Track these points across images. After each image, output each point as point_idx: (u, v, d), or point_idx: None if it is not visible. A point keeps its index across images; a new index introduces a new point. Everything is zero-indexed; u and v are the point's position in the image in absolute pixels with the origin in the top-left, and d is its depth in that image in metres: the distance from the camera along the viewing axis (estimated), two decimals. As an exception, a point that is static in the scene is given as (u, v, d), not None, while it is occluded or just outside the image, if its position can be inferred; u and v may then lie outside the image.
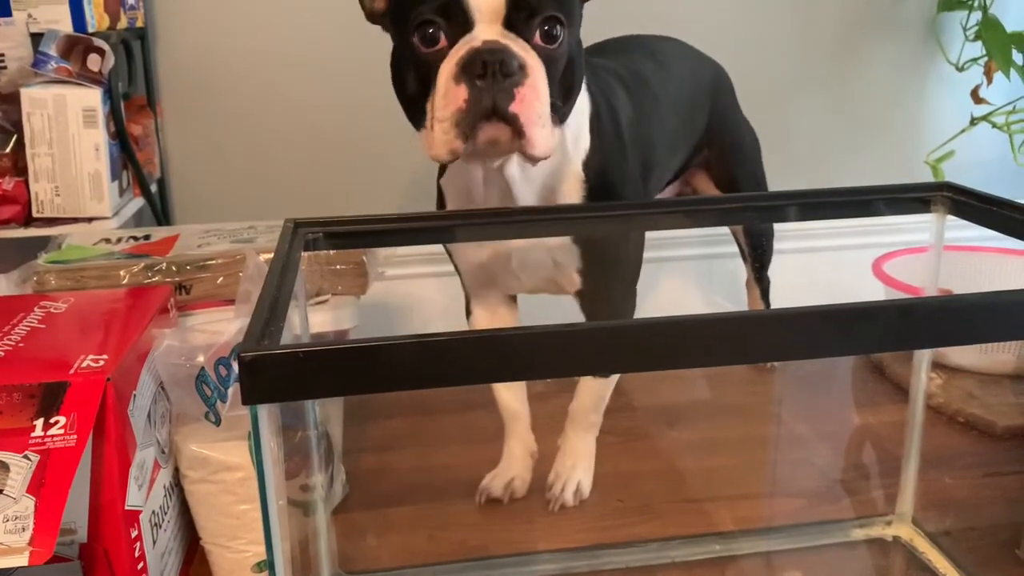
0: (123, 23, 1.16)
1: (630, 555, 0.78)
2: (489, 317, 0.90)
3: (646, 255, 0.90)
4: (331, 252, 0.89)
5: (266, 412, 0.42)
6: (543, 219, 0.74)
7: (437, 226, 0.75)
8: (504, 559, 0.78)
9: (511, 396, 0.92)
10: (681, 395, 1.12)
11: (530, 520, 0.85)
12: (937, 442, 0.95)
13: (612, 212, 0.75)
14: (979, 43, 1.34)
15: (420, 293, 1.31)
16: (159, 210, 1.28)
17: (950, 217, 0.74)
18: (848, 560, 0.79)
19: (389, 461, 0.97)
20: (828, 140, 1.44)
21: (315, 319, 0.85)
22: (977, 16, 1.34)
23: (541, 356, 0.44)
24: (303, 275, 0.69)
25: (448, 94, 0.64)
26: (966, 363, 1.07)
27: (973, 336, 0.59)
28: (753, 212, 0.88)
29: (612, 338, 0.45)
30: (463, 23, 0.65)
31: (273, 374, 0.41)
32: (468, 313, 0.91)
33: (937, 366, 1.06)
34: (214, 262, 0.88)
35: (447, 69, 0.64)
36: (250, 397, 0.41)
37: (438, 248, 1.27)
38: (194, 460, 0.72)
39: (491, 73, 0.62)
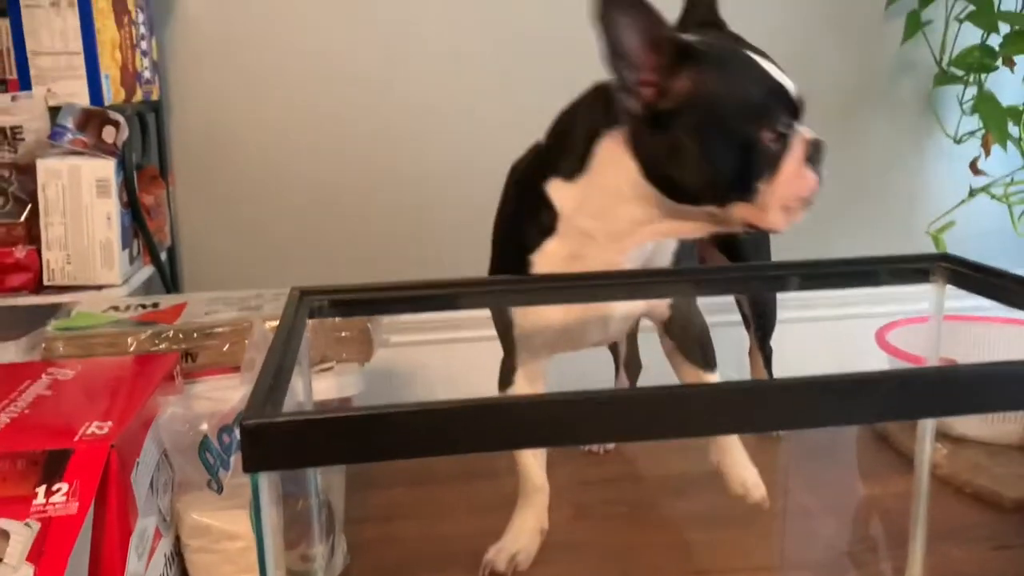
0: (138, 96, 1.19)
1: (634, 629, 0.77)
2: (529, 384, 0.90)
3: (647, 324, 0.91)
4: (336, 319, 0.90)
5: (267, 480, 0.43)
6: (551, 286, 0.75)
7: (441, 294, 0.75)
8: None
9: (536, 465, 0.92)
10: (688, 465, 1.11)
11: (532, 592, 0.84)
12: (944, 513, 0.94)
13: (621, 281, 0.76)
14: (976, 116, 1.36)
15: (426, 360, 1.31)
16: (169, 278, 1.29)
17: (951, 287, 0.74)
18: (857, 635, 0.77)
19: (391, 531, 0.96)
20: (830, 211, 1.46)
21: (319, 386, 0.85)
22: (973, 90, 1.37)
23: (546, 424, 0.45)
24: (307, 342, 0.70)
25: (799, 178, 0.74)
26: (972, 433, 1.06)
27: (974, 406, 0.59)
28: (756, 282, 0.89)
29: (614, 407, 0.46)
30: (793, 119, 0.75)
31: (275, 442, 0.41)
32: (507, 382, 0.90)
33: (942, 436, 1.05)
34: (220, 330, 0.88)
35: (797, 157, 0.74)
36: (251, 465, 0.42)
37: (444, 316, 1.28)
38: (195, 529, 0.72)
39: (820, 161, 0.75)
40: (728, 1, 1.44)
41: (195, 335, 0.88)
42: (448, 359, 1.31)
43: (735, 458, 0.91)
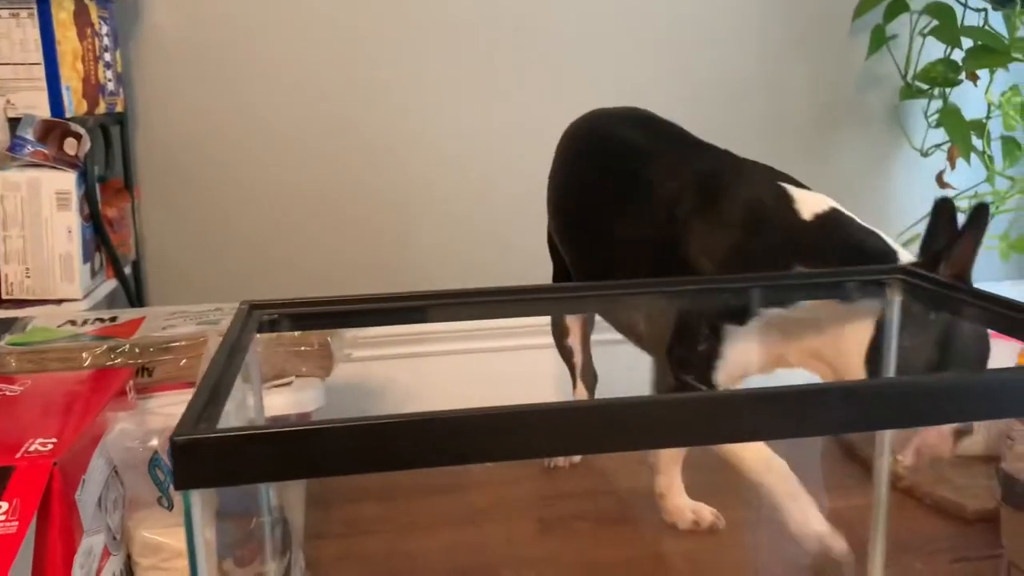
0: (102, 108, 1.18)
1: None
2: None
3: (610, 337, 0.91)
4: (296, 333, 0.89)
5: (199, 498, 0.42)
6: (516, 299, 0.74)
7: (402, 307, 0.74)
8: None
9: None
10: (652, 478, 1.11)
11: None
12: (906, 526, 0.94)
13: (584, 293, 0.76)
14: (941, 129, 1.38)
15: (392, 375, 1.31)
16: (133, 292, 1.28)
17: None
18: (817, 650, 0.77)
19: (354, 547, 0.95)
20: (798, 223, 1.47)
21: (277, 401, 0.84)
22: (938, 104, 1.38)
23: (493, 437, 0.44)
24: (257, 357, 0.69)
25: None
26: (936, 445, 1.06)
27: (927, 418, 0.59)
28: (716, 295, 0.89)
29: (564, 419, 0.45)
30: None
31: (206, 458, 0.41)
32: None
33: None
34: (177, 344, 0.87)
35: None
36: (182, 482, 0.41)
37: (409, 330, 1.28)
38: (146, 547, 0.71)
39: None
40: (698, 19, 1.46)
41: (151, 349, 0.87)
42: (413, 373, 1.30)
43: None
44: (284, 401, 0.85)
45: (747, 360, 0.87)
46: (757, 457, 0.87)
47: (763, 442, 0.87)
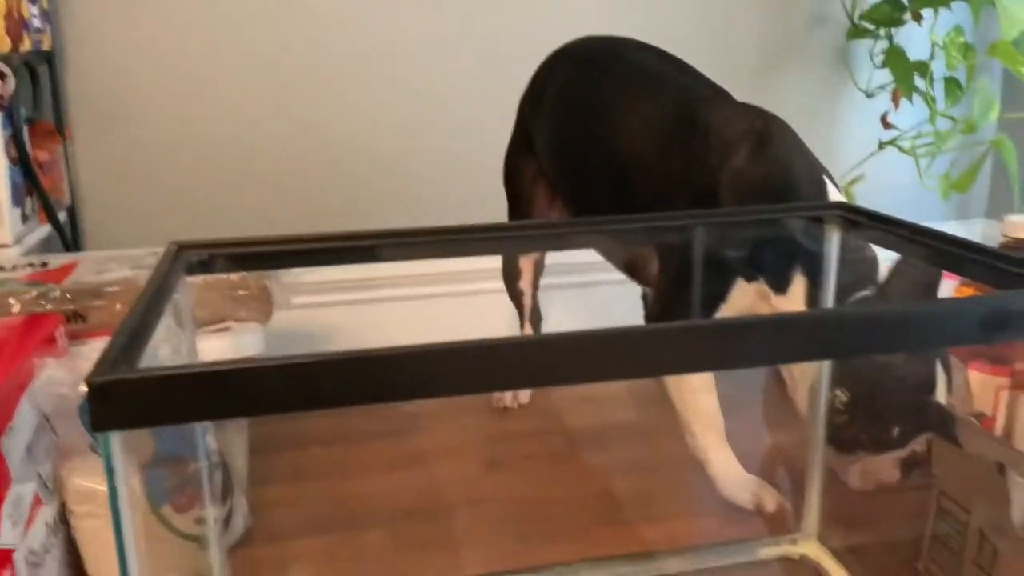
0: (27, 46, 1.13)
1: (537, 581, 0.77)
2: None
3: (569, 280, 0.90)
4: (233, 277, 0.88)
5: (119, 440, 0.41)
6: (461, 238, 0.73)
7: (343, 247, 0.72)
8: (409, 589, 0.77)
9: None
10: (601, 418, 1.12)
11: (439, 549, 0.83)
12: (844, 459, 0.96)
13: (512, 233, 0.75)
14: (887, 70, 1.38)
15: (337, 321, 1.29)
16: (68, 238, 1.24)
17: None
18: (755, 580, 0.79)
19: (300, 491, 0.94)
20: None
21: (214, 346, 0.83)
22: (884, 44, 1.38)
23: (411, 376, 0.43)
24: (190, 300, 0.67)
25: None
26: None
27: (854, 350, 0.60)
28: (665, 232, 0.88)
29: (501, 354, 0.44)
30: None
31: (122, 399, 0.39)
32: None
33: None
34: (111, 289, 0.85)
35: None
36: (100, 424, 0.40)
37: (354, 275, 1.26)
38: (80, 494, 0.70)
39: None
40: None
41: (84, 295, 0.84)
42: (362, 321, 1.29)
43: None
44: (222, 346, 0.84)
45: (745, 304, 0.87)
46: (695, 402, 0.88)
47: (707, 396, 0.89)
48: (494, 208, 1.13)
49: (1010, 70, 1.32)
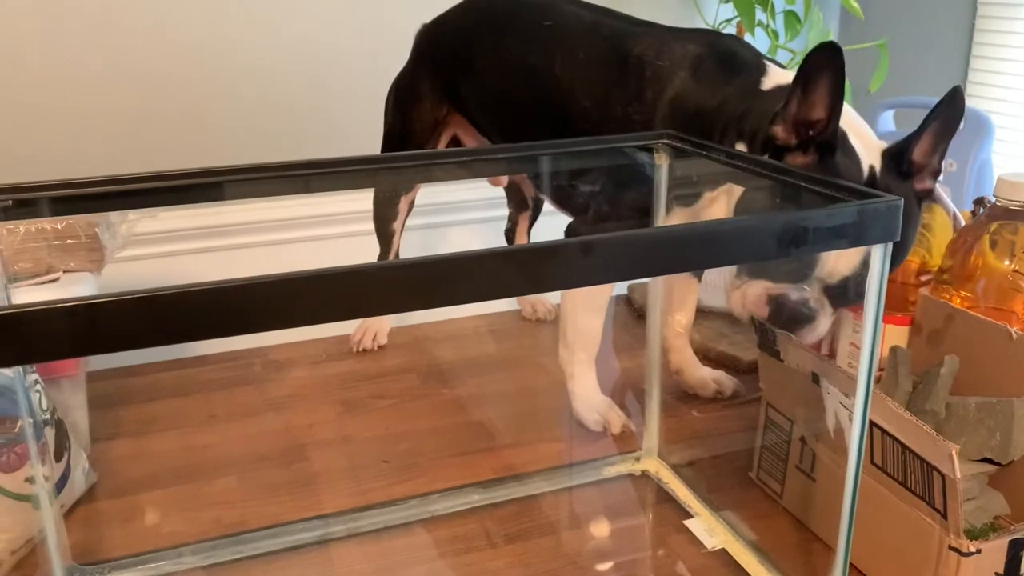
0: None
1: (389, 514, 0.78)
2: None
3: (429, 220, 0.89)
4: (59, 225, 0.83)
5: None
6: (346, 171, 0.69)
7: (174, 186, 0.68)
8: (259, 532, 0.76)
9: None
10: (456, 354, 1.13)
11: (291, 492, 0.83)
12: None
13: (395, 164, 0.73)
14: (731, 5, 1.42)
15: (183, 271, 1.25)
16: None
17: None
18: (599, 497, 0.82)
19: (147, 445, 0.92)
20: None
21: (42, 297, 0.78)
22: (727, -22, 1.41)
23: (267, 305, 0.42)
24: (5, 248, 0.63)
25: None
26: (717, 304, 1.14)
27: (685, 264, 0.62)
28: (508, 163, 0.88)
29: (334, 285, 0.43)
30: None
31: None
32: None
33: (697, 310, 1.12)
34: (-80, 243, 0.79)
35: None
36: None
37: (193, 223, 1.21)
38: None
39: None
40: None
41: None
42: (199, 270, 1.24)
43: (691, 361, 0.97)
44: (50, 298, 0.80)
45: None
46: (580, 320, 0.91)
47: (593, 316, 0.91)
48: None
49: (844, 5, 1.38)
